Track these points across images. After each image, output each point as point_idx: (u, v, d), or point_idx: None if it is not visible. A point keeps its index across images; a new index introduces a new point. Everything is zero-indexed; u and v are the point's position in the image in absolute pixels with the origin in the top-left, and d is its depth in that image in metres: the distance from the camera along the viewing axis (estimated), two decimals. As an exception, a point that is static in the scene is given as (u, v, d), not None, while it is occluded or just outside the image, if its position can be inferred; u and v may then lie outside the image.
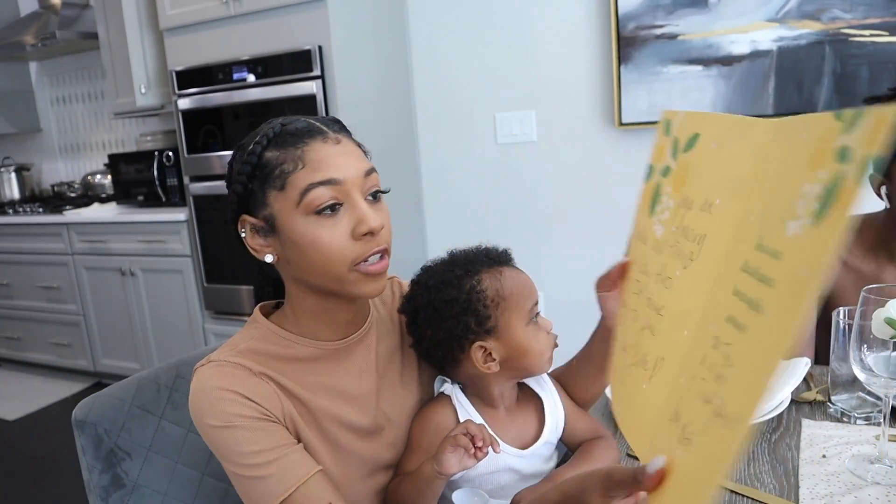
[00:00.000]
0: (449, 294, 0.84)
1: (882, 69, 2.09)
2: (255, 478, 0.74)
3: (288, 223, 0.76)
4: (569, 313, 2.85)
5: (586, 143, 2.62)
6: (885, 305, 0.78)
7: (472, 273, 0.85)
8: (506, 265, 0.88)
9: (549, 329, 0.87)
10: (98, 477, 0.88)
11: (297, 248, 0.76)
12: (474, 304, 0.83)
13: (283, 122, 0.79)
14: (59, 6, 3.46)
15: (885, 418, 0.85)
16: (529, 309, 0.85)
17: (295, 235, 0.76)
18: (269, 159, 0.76)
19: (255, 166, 0.77)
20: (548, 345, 0.86)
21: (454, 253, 0.89)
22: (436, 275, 0.86)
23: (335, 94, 2.44)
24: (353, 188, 0.76)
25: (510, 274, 0.86)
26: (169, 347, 3.14)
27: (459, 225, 2.93)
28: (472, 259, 0.87)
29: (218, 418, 0.74)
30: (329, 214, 0.75)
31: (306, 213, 0.75)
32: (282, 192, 0.75)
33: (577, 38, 2.54)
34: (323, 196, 0.74)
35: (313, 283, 0.79)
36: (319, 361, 0.83)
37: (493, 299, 0.83)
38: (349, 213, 0.76)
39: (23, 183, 4.02)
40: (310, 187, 0.74)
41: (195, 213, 2.86)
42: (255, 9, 2.52)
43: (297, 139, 0.76)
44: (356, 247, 0.75)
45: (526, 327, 0.84)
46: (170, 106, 3.07)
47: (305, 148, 0.75)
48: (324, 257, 0.75)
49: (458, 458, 0.74)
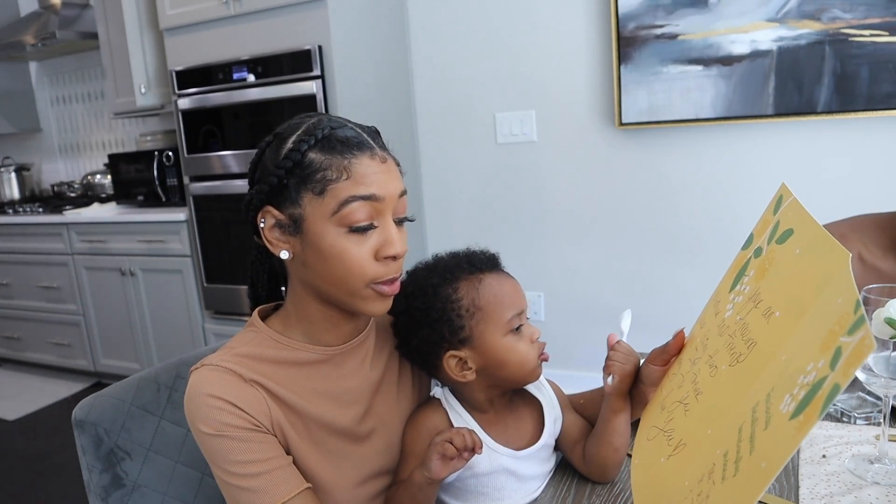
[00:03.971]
0: (424, 302, 0.83)
1: (882, 69, 2.09)
2: (242, 488, 0.74)
3: (318, 229, 0.76)
4: (569, 313, 2.85)
5: (586, 143, 2.62)
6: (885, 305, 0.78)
7: (450, 281, 0.84)
8: (489, 272, 0.85)
9: (535, 338, 0.84)
10: (98, 477, 0.88)
11: (320, 256, 0.76)
12: (448, 313, 0.82)
13: (331, 125, 0.78)
14: (59, 6, 3.46)
15: (885, 418, 0.85)
16: (508, 319, 0.83)
17: (322, 243, 0.76)
18: (313, 161, 0.76)
19: (297, 163, 0.76)
20: (530, 355, 0.83)
21: (439, 258, 0.88)
22: (415, 281, 0.86)
23: (335, 94, 2.44)
24: (387, 208, 0.77)
25: (490, 282, 0.84)
26: (169, 347, 3.14)
27: (459, 225, 2.93)
28: (453, 266, 0.85)
29: (209, 426, 0.75)
30: (361, 233, 0.76)
31: (339, 225, 0.75)
32: (319, 198, 0.75)
33: (577, 38, 2.54)
34: (360, 212, 0.75)
35: (324, 290, 0.79)
36: (316, 366, 0.83)
37: (467, 309, 0.82)
38: (378, 233, 0.77)
39: (23, 183, 4.02)
40: (350, 199, 0.74)
41: (195, 213, 2.86)
42: (255, 9, 2.52)
43: (345, 148, 0.76)
44: (376, 267, 0.76)
45: (504, 337, 0.82)
46: (170, 106, 3.07)
47: (353, 160, 0.75)
48: (345, 270, 0.76)
49: (446, 462, 0.74)
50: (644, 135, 2.51)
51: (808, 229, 0.58)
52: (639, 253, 2.62)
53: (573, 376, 2.75)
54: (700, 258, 2.48)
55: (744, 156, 2.37)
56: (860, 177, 2.21)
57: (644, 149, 2.53)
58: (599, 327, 2.74)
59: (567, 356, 2.80)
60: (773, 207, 0.66)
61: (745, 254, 0.68)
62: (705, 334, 0.66)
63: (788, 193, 0.64)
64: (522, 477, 0.86)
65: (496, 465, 0.84)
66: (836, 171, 2.26)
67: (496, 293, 0.83)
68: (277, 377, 0.80)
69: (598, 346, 3.10)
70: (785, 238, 0.61)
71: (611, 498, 0.85)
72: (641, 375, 0.77)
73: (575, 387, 1.23)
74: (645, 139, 2.52)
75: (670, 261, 2.56)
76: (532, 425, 0.88)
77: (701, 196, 2.47)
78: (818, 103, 2.19)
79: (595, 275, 2.71)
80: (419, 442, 0.84)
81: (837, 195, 2.11)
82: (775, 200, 0.66)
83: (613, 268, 2.67)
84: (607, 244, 2.67)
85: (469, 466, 0.82)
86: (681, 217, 2.52)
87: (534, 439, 0.87)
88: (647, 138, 2.52)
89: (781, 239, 0.61)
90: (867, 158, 2.22)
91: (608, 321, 2.71)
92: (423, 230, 2.99)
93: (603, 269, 2.69)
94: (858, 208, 1.33)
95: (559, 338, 2.81)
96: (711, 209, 2.46)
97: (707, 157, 2.44)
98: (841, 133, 2.23)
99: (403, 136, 2.82)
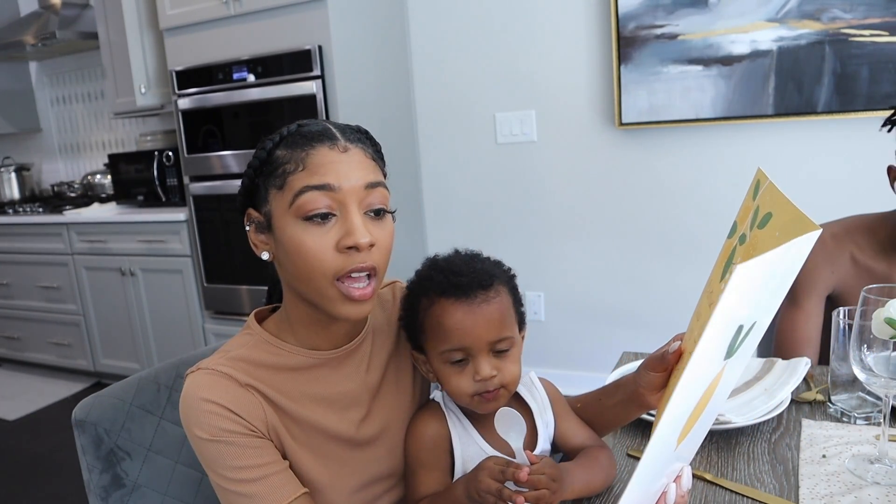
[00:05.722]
0: (404, 302, 0.87)
1: (882, 69, 2.09)
2: (239, 493, 0.74)
3: (280, 223, 0.75)
4: (568, 313, 2.85)
5: (586, 143, 2.62)
6: (885, 305, 0.78)
7: (417, 292, 0.83)
8: (453, 296, 0.79)
9: (484, 377, 0.78)
10: (98, 477, 0.88)
11: (285, 251, 0.76)
12: (410, 319, 0.84)
13: (301, 122, 0.79)
14: (59, 6, 3.46)
15: (885, 418, 0.85)
16: (441, 351, 0.80)
17: (284, 237, 0.75)
18: (277, 157, 0.76)
19: (264, 162, 0.77)
20: (467, 390, 0.79)
21: (446, 257, 0.86)
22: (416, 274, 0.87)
23: (335, 95, 2.44)
24: (349, 198, 0.74)
25: (444, 308, 0.79)
26: (169, 347, 3.14)
27: (459, 225, 2.93)
28: (428, 277, 0.82)
29: (205, 430, 0.74)
30: (318, 222, 0.73)
31: (297, 216, 0.74)
32: (280, 192, 0.75)
33: (577, 38, 2.54)
34: (315, 201, 0.73)
35: (300, 290, 0.78)
36: (311, 370, 0.82)
37: (420, 325, 0.83)
38: (340, 225, 0.74)
39: (23, 183, 4.02)
40: (304, 189, 0.73)
41: (195, 213, 2.86)
42: (255, 9, 2.52)
43: (306, 141, 0.75)
44: (338, 259, 0.73)
45: (441, 364, 0.81)
46: (170, 106, 3.07)
47: (311, 151, 0.75)
48: (306, 264, 0.74)
49: None
50: (644, 135, 2.51)
51: (786, 211, 0.59)
52: (639, 252, 2.62)
53: (572, 376, 2.75)
54: (700, 258, 2.48)
55: (744, 156, 2.37)
56: (860, 177, 2.21)
57: (644, 149, 2.53)
58: (599, 327, 2.74)
59: (566, 356, 2.80)
60: (751, 193, 0.66)
61: (730, 242, 0.68)
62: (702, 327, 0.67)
63: (765, 178, 0.64)
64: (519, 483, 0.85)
65: None
66: (835, 171, 2.26)
67: (440, 322, 0.79)
68: (273, 382, 0.79)
69: (597, 346, 3.12)
70: (765, 222, 0.61)
71: (611, 498, 0.85)
72: (640, 380, 0.76)
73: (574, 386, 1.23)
74: (645, 139, 2.52)
75: (670, 260, 2.56)
76: (528, 430, 0.87)
77: (701, 196, 2.47)
78: (818, 103, 2.19)
79: (595, 274, 2.71)
80: (424, 452, 0.83)
81: (837, 195, 2.11)
82: (753, 186, 0.66)
83: (613, 267, 2.67)
84: (607, 244, 2.67)
85: (466, 472, 0.82)
86: (681, 217, 2.52)
87: (530, 444, 0.85)
88: (647, 138, 2.52)
89: (762, 223, 0.62)
90: (867, 158, 2.22)
91: (608, 321, 2.71)
92: (423, 230, 2.99)
93: (603, 269, 2.69)
94: (858, 208, 1.33)
95: (559, 338, 2.81)
96: (711, 209, 2.46)
97: (707, 157, 2.44)
98: (841, 133, 2.23)
99: (403, 136, 2.82)
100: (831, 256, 1.24)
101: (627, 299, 2.66)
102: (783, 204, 0.59)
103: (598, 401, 0.88)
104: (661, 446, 0.61)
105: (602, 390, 0.90)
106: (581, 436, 0.88)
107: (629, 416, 0.85)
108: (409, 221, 2.87)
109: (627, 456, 0.96)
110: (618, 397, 0.83)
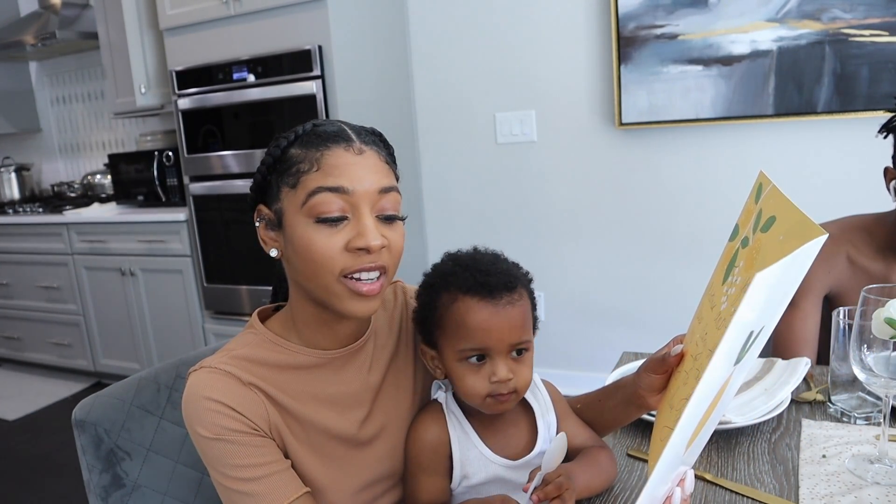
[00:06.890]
0: (420, 297, 0.85)
1: (882, 69, 2.09)
2: (240, 492, 0.74)
3: (291, 222, 0.76)
4: (568, 312, 2.85)
5: (586, 143, 2.62)
6: (885, 305, 0.78)
7: (438, 286, 0.82)
8: (478, 295, 0.78)
9: (501, 379, 0.78)
10: (98, 477, 0.88)
11: (295, 249, 0.76)
12: (426, 313, 0.83)
13: (316, 122, 0.79)
14: (59, 6, 3.46)
15: (885, 418, 0.85)
16: (459, 349, 0.79)
17: (294, 236, 0.75)
18: (291, 156, 0.76)
19: (277, 159, 0.77)
20: (476, 390, 0.79)
21: (458, 256, 0.85)
22: (434, 269, 0.86)
23: (335, 95, 2.44)
24: (362, 202, 0.74)
25: (467, 306, 0.78)
26: (169, 347, 3.14)
27: (459, 225, 2.93)
28: (452, 272, 0.81)
29: (207, 429, 0.74)
30: (330, 224, 0.74)
31: (308, 216, 0.74)
32: (293, 191, 0.75)
33: (577, 38, 2.54)
34: (328, 204, 0.73)
35: (307, 288, 0.78)
36: (315, 370, 0.82)
37: (437, 320, 0.81)
38: (351, 226, 0.74)
39: (23, 183, 4.02)
40: (317, 190, 0.73)
41: (195, 213, 2.86)
42: (255, 9, 2.52)
43: (321, 141, 0.76)
44: (346, 258, 0.74)
45: (456, 362, 0.80)
46: (170, 106, 3.07)
47: (326, 151, 0.75)
48: (314, 262, 0.74)
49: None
50: (644, 135, 2.51)
51: (790, 215, 0.59)
52: (639, 252, 2.62)
53: (572, 376, 2.75)
54: (700, 258, 2.48)
55: (744, 156, 2.37)
56: (860, 177, 2.21)
57: (644, 149, 2.53)
58: (599, 327, 2.74)
59: (566, 356, 2.80)
60: (754, 196, 0.66)
61: (732, 245, 0.68)
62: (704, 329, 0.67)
63: (767, 181, 0.64)
64: (518, 486, 0.85)
65: (491, 474, 0.83)
66: (835, 171, 2.26)
67: (462, 320, 0.78)
68: (275, 381, 0.79)
69: (597, 346, 3.12)
70: (769, 226, 0.61)
71: (611, 498, 0.85)
72: (640, 382, 0.76)
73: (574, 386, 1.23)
74: (645, 139, 2.52)
75: (670, 260, 2.56)
76: (528, 432, 0.87)
77: (701, 196, 2.47)
78: (818, 103, 2.19)
79: (595, 274, 2.71)
80: (425, 456, 0.83)
81: (837, 195, 2.11)
82: (755, 189, 0.66)
83: (613, 267, 2.67)
84: (607, 244, 2.67)
85: (465, 476, 0.82)
86: (681, 217, 2.52)
87: (529, 446, 0.85)
88: (647, 138, 2.52)
89: (766, 227, 0.62)
90: (867, 158, 2.21)
91: (608, 321, 2.71)
92: (423, 230, 2.99)
93: (603, 269, 2.69)
94: (858, 208, 1.33)
95: (559, 338, 2.81)
96: (711, 209, 2.46)
97: (707, 157, 2.44)
98: (841, 133, 2.23)
99: (403, 136, 2.82)
100: (827, 256, 1.24)
101: (627, 299, 2.66)
102: (787, 208, 0.59)
103: (598, 402, 0.89)
104: (673, 455, 0.61)
105: (602, 391, 0.90)
106: (582, 436, 0.88)
107: (629, 417, 0.85)
108: (409, 221, 2.85)
109: (627, 456, 0.96)
110: (618, 398, 0.84)
